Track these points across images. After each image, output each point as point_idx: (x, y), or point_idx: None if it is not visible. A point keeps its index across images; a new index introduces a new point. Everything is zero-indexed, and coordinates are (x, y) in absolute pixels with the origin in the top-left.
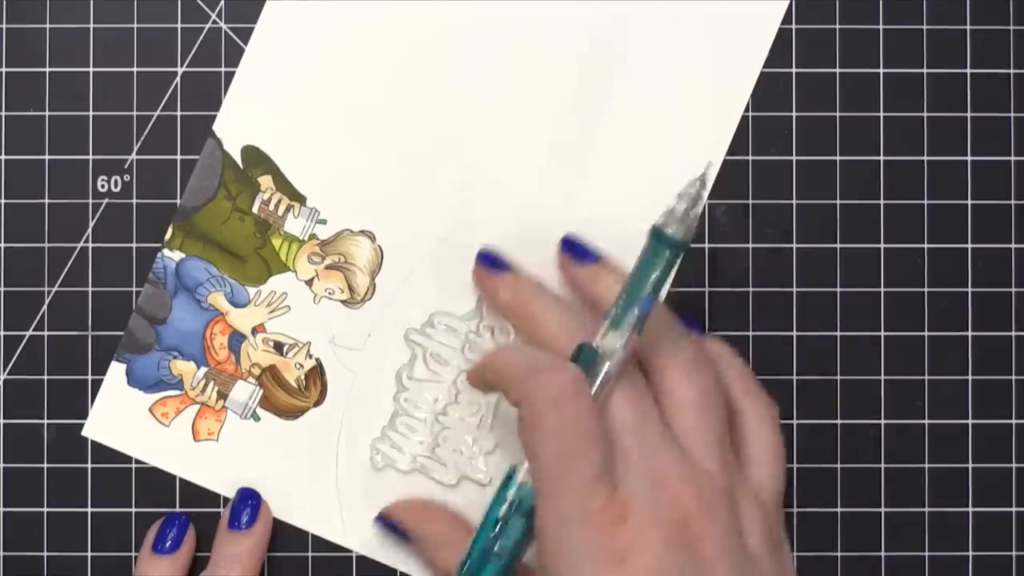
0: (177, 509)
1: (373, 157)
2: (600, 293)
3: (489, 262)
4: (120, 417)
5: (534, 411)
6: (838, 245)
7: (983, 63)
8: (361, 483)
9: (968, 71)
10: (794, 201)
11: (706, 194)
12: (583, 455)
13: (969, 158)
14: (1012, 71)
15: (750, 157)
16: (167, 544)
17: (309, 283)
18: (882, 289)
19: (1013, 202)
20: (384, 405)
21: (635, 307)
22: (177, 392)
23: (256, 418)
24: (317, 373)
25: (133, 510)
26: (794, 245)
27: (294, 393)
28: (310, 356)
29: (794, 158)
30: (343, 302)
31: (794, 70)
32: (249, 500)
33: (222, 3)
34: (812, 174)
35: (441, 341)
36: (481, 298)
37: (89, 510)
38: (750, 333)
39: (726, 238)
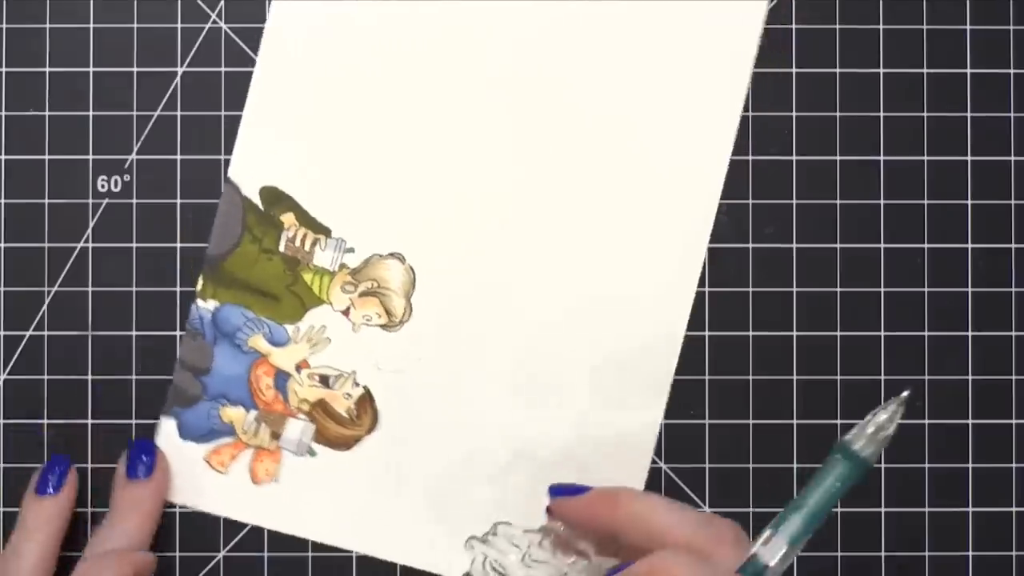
0: (177, 509)
1: (391, 180)
2: (619, 519)
3: (566, 491)
4: (178, 471)
5: None
6: (838, 245)
7: (983, 63)
8: (423, 502)
9: (968, 71)
10: (794, 201)
11: (899, 419)
12: None
13: (969, 158)
14: (1012, 71)
15: (750, 157)
16: (49, 488)
17: (345, 313)
18: (882, 289)
19: (1013, 202)
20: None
21: (810, 522)
22: (230, 439)
23: (312, 453)
24: (366, 400)
25: None
26: (794, 245)
27: (346, 423)
28: (357, 384)
29: (794, 158)
30: (382, 327)
31: (794, 70)
32: (143, 452)
33: (222, 3)
34: (812, 174)
35: (501, 550)
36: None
37: (89, 510)
38: (750, 333)
39: (726, 238)
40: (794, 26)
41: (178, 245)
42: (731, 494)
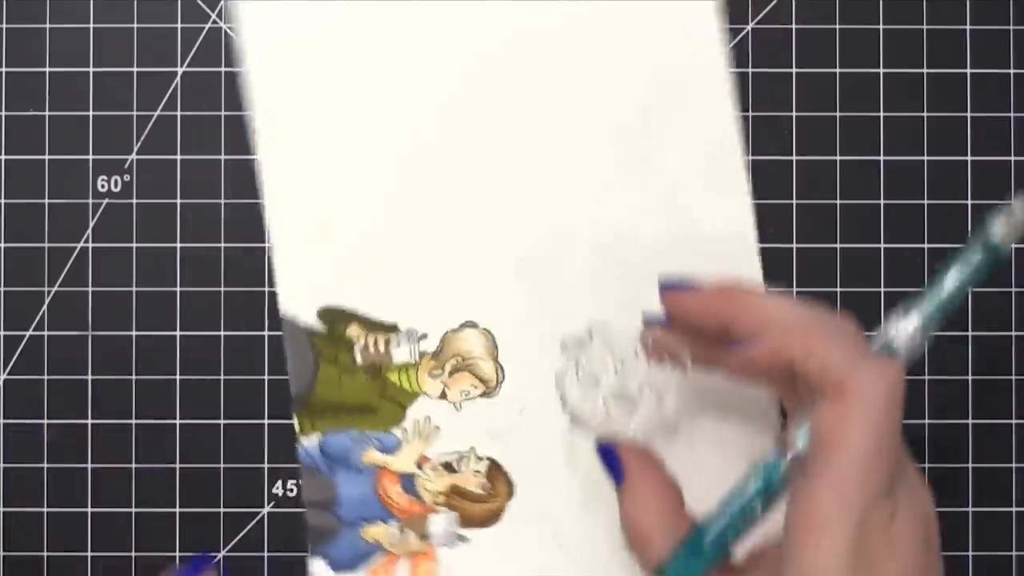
0: (177, 509)
1: (435, 257)
2: (732, 312)
3: (678, 285)
4: None
5: (865, 402)
6: (838, 245)
7: (983, 63)
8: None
9: (968, 71)
10: (794, 201)
11: None
12: (889, 461)
13: (969, 158)
14: (1012, 71)
15: (750, 157)
16: None
17: (443, 396)
18: (882, 289)
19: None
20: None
21: (943, 307)
22: (382, 555)
23: (464, 539)
24: (495, 470)
25: (133, 510)
26: (794, 245)
27: (485, 499)
28: (480, 458)
29: (794, 158)
30: (482, 395)
31: (794, 70)
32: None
33: (222, 3)
34: (812, 174)
35: (595, 357)
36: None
37: (89, 510)
38: None
39: None
40: (794, 26)
41: (178, 245)
42: None
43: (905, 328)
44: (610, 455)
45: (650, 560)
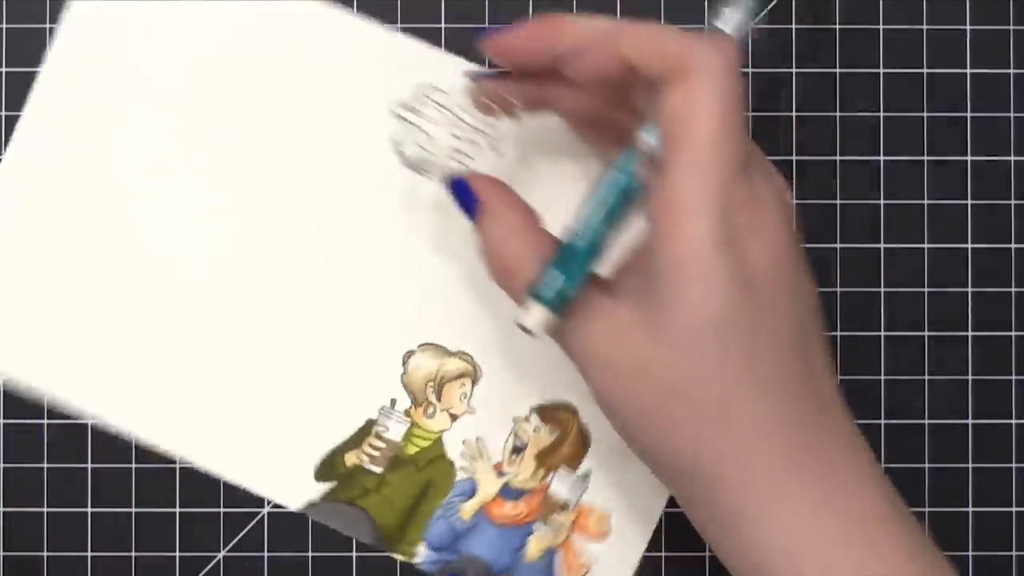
0: (177, 509)
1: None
2: (555, 36)
3: (497, 30)
4: None
5: (708, 76)
6: (839, 245)
7: (983, 63)
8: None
9: (968, 71)
10: (794, 201)
11: None
12: (740, 137)
13: (969, 158)
14: (1012, 71)
15: None
16: None
17: (454, 418)
18: (882, 289)
19: (1013, 202)
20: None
21: None
22: (558, 552)
23: (587, 476)
24: (546, 412)
25: (133, 510)
26: None
27: (563, 437)
28: (527, 419)
29: (794, 158)
30: (474, 384)
31: (794, 70)
32: None
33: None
34: (813, 174)
35: (431, 119)
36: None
37: (89, 510)
38: None
39: None
40: (794, 26)
41: None
42: None
43: (732, 15)
44: (462, 187)
45: (520, 287)
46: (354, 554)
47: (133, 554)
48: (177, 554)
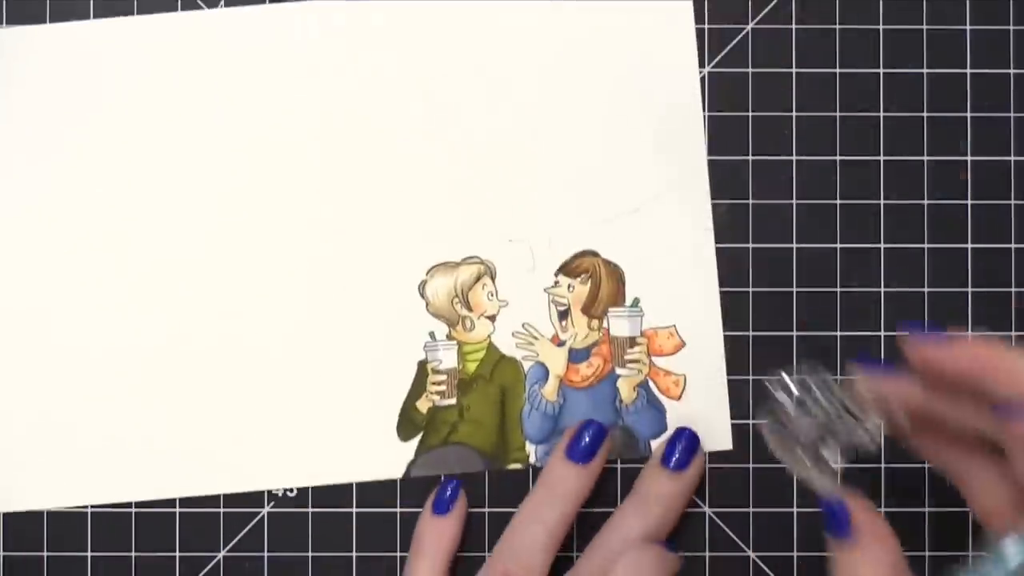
0: (177, 509)
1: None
2: (990, 372)
3: (926, 336)
4: None
5: None
6: (838, 245)
7: (983, 63)
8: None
9: (968, 71)
10: (794, 201)
11: None
12: None
13: (969, 158)
14: (1012, 71)
15: (750, 157)
16: (445, 507)
17: (492, 318)
18: (882, 289)
19: (1013, 202)
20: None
21: None
22: (653, 390)
23: (636, 302)
24: (577, 260)
25: (133, 510)
26: (794, 245)
27: (598, 289)
28: (563, 279)
29: (794, 158)
30: (493, 280)
31: (794, 70)
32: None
33: (222, 3)
34: (812, 174)
35: (816, 401)
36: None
37: (89, 510)
38: (750, 333)
39: (726, 238)
40: (794, 26)
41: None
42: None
43: None
44: (841, 511)
45: None
46: (354, 554)
47: (133, 554)
48: (177, 554)
